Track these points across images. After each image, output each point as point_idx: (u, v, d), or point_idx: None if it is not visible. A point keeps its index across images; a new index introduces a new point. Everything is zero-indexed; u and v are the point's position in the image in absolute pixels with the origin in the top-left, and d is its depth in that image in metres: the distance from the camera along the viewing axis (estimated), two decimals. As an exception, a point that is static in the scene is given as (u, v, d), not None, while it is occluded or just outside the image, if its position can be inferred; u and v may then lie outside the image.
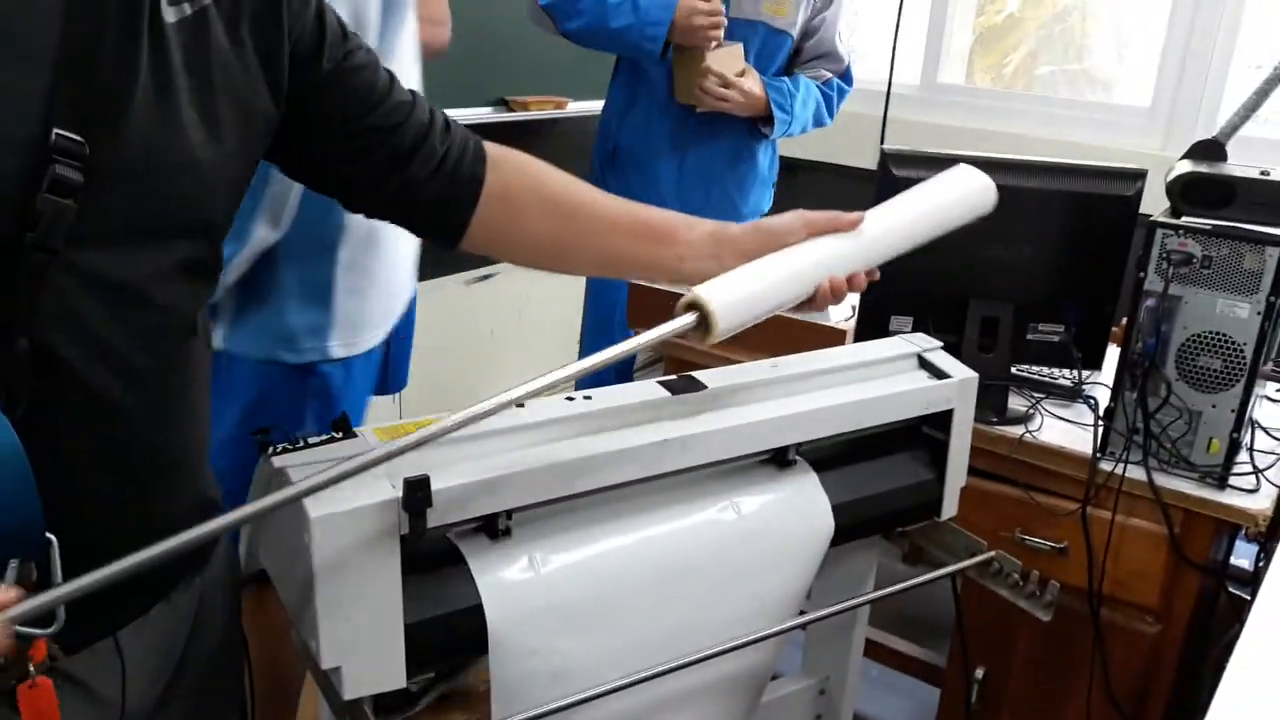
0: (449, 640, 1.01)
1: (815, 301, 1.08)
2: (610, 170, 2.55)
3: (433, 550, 1.03)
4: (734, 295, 1.02)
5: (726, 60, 2.26)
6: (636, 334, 2.26)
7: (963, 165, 1.23)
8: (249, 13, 0.84)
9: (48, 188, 0.70)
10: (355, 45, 0.94)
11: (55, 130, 0.70)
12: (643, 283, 2.09)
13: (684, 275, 1.05)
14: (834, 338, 1.84)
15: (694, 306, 1.01)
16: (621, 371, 2.64)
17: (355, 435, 0.99)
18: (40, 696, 0.75)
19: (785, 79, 2.40)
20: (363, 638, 0.93)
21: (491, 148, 1.03)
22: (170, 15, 0.77)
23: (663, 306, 2.05)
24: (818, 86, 2.47)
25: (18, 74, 0.70)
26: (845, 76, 2.52)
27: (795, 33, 2.42)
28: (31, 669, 0.74)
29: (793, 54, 2.47)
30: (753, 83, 2.31)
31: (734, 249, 1.05)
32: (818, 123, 2.51)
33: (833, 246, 1.09)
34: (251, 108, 0.85)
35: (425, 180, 0.97)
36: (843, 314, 1.94)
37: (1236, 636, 1.11)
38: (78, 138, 0.71)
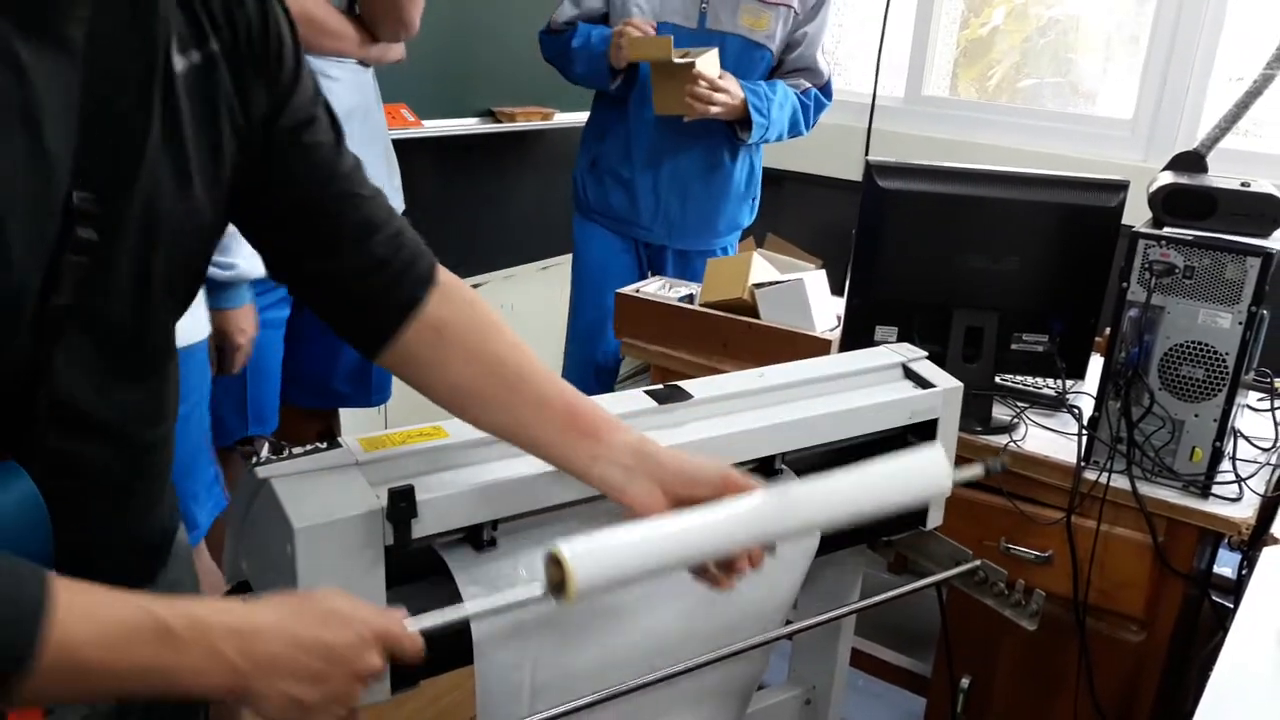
0: (434, 652, 1.01)
1: (706, 575, 0.97)
2: (591, 180, 2.56)
3: (418, 561, 1.03)
4: (602, 564, 0.88)
5: (705, 66, 2.26)
6: (624, 345, 2.27)
7: (934, 449, 1.08)
8: (247, 54, 0.82)
9: (70, 249, 0.70)
10: (320, 114, 0.91)
11: (75, 193, 0.69)
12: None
13: (591, 476, 0.96)
14: (819, 348, 1.85)
15: (556, 564, 0.87)
16: (603, 381, 2.65)
17: (340, 445, 0.99)
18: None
19: (762, 83, 2.41)
20: (347, 649, 0.92)
21: (445, 277, 0.98)
22: (179, 64, 0.77)
23: (650, 318, 2.06)
24: (796, 94, 2.47)
25: (52, 140, 0.68)
26: (825, 90, 2.52)
27: (774, 46, 2.42)
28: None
29: (774, 67, 2.48)
30: (732, 85, 2.32)
31: (650, 470, 0.95)
32: (794, 131, 2.50)
33: (739, 525, 0.94)
34: (248, 149, 0.85)
35: (353, 279, 0.93)
36: (828, 324, 1.95)
37: (1220, 644, 1.12)
38: (92, 198, 0.71)
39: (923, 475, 1.06)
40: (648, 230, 2.55)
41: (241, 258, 1.64)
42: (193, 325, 1.56)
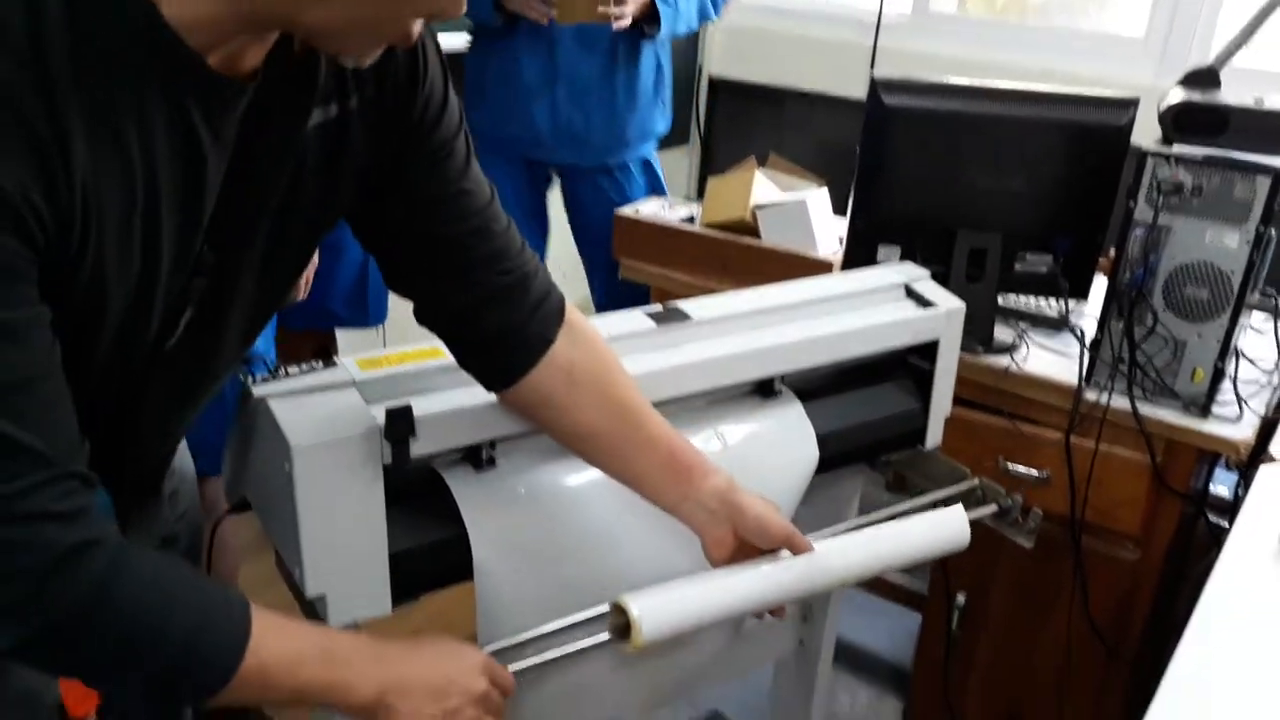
0: (434, 569, 1.02)
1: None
2: (481, 112, 2.35)
3: (417, 480, 1.03)
4: (664, 617, 0.97)
5: None
6: (622, 266, 2.25)
7: (955, 510, 1.20)
8: (390, 104, 0.82)
9: (188, 298, 0.77)
10: (458, 145, 0.89)
11: (204, 249, 0.75)
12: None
13: (678, 512, 1.02)
14: (821, 268, 1.83)
15: (620, 613, 0.96)
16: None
17: (335, 365, 0.98)
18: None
19: None
20: (347, 566, 0.93)
21: (572, 315, 0.98)
22: (314, 118, 0.77)
23: (649, 239, 2.04)
24: None
25: (204, 210, 0.73)
26: None
27: None
28: None
29: None
30: None
31: (730, 516, 1.01)
32: (703, 17, 2.39)
33: (783, 583, 1.03)
34: (374, 184, 0.85)
35: (482, 311, 0.92)
36: (830, 245, 1.93)
37: (1214, 562, 1.13)
38: (213, 254, 0.76)
39: (946, 531, 1.18)
40: (551, 150, 2.40)
41: None
42: None
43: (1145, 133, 1.61)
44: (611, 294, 2.49)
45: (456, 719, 0.89)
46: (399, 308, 0.98)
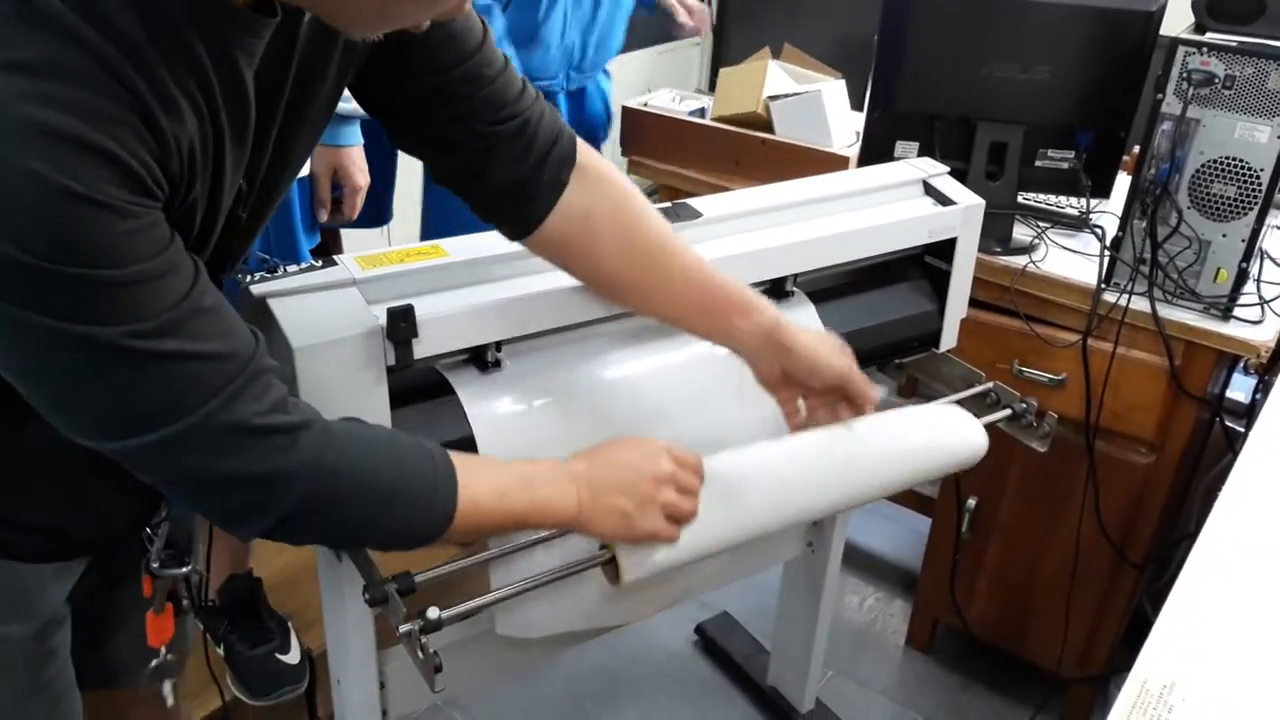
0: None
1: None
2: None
3: (422, 382, 1.01)
4: (649, 563, 0.96)
5: None
6: (630, 163, 2.18)
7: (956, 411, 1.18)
8: None
9: (229, 224, 0.79)
10: None
11: (240, 182, 0.77)
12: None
13: (733, 346, 1.02)
14: (837, 164, 1.78)
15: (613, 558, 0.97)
16: None
17: (335, 264, 0.96)
18: (164, 619, 1.01)
19: None
20: (352, 469, 0.92)
21: (586, 158, 0.96)
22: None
23: (658, 133, 1.98)
24: None
25: (250, 137, 0.75)
26: None
27: None
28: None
29: None
30: None
31: (778, 356, 1.01)
32: None
33: (774, 520, 1.04)
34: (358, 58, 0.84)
35: (488, 160, 0.90)
36: (846, 139, 1.87)
37: (1229, 467, 1.11)
38: (245, 184, 0.78)
39: (964, 442, 1.17)
40: (551, 79, 2.18)
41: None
42: None
43: (1177, 23, 1.54)
44: None
45: (654, 504, 0.91)
46: (404, 208, 0.95)
